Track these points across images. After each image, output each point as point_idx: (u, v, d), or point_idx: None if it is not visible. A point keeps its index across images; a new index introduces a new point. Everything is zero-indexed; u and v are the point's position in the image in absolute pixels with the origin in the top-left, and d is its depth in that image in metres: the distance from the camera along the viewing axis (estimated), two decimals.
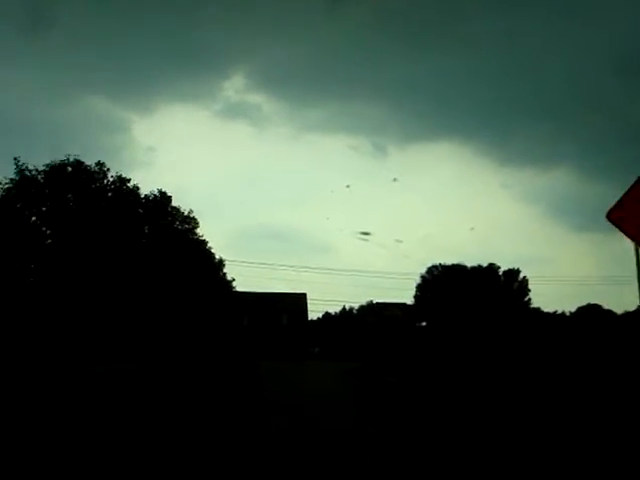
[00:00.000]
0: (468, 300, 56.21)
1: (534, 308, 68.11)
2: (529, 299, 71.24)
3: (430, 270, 63.51)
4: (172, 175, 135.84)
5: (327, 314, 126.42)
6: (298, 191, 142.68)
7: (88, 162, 45.62)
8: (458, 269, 61.32)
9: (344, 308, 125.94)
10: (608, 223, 7.26)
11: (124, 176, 46.83)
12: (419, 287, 63.59)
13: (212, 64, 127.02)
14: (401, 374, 36.76)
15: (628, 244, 7.17)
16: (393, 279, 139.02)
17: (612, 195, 7.27)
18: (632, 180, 7.13)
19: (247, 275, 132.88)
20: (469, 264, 62.86)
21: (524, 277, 68.93)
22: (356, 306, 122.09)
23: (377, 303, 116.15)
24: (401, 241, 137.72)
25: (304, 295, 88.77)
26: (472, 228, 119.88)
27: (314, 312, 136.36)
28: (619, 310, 61.56)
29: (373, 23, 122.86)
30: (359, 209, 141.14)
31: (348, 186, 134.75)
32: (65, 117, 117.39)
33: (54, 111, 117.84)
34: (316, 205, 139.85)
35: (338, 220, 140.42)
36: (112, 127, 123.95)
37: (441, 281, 61.10)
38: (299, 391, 26.07)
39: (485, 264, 65.72)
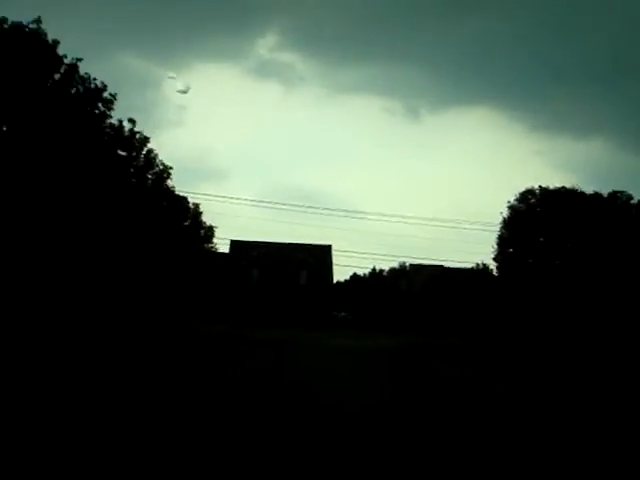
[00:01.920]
0: (586, 243, 37.99)
1: None
2: None
3: (524, 197, 43.77)
4: (203, 133, 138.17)
5: (355, 276, 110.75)
6: (329, 152, 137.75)
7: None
8: (569, 193, 41.85)
9: (374, 269, 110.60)
10: None
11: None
12: (505, 223, 44.24)
13: (245, 21, 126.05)
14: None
15: None
16: (428, 239, 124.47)
17: None
18: None
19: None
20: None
21: None
22: (386, 268, 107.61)
23: (411, 265, 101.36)
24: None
25: (329, 248, 71.07)
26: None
27: (339, 274, 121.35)
28: None
29: None
30: (390, 172, 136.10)
31: None
32: (97, 73, 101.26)
33: (86, 67, 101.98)
34: (346, 167, 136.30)
35: (368, 183, 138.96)
36: (144, 84, 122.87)
37: (541, 212, 42.07)
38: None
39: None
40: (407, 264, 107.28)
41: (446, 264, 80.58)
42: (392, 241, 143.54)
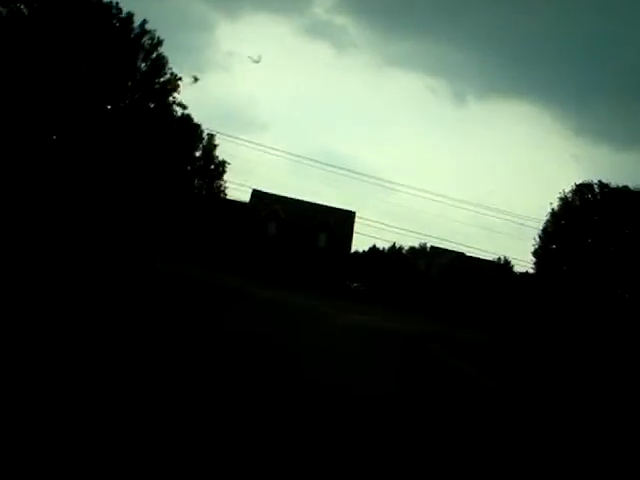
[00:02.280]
0: None
1: None
2: None
3: (579, 190, 38.64)
4: (247, 83, 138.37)
5: (374, 248, 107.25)
6: (370, 122, 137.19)
7: None
8: (631, 195, 36.83)
9: (394, 245, 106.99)
10: None
11: None
12: (554, 216, 39.39)
13: None
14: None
15: None
16: (453, 222, 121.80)
17: None
18: None
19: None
20: None
21: None
22: (406, 246, 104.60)
23: (432, 247, 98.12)
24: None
25: (352, 214, 67.00)
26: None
27: (359, 243, 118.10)
28: None
29: None
30: (426, 151, 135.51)
31: None
32: (147, 13, 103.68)
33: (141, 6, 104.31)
34: (384, 139, 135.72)
35: (403, 158, 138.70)
36: (195, 26, 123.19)
37: (597, 208, 37.15)
38: None
39: None
40: (428, 245, 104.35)
41: (467, 251, 77.14)
42: (417, 217, 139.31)
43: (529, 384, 16.66)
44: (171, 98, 32.84)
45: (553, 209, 39.01)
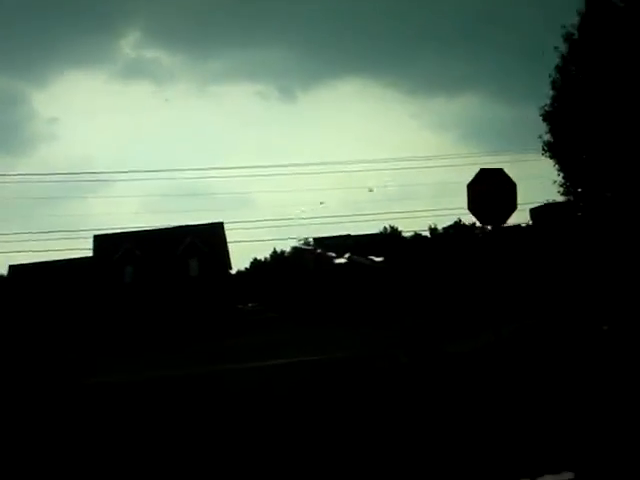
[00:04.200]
0: None
1: None
2: None
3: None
4: (79, 144, 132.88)
5: (256, 261, 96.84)
6: (210, 145, 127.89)
7: None
8: None
9: (274, 251, 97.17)
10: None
11: None
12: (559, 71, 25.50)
13: (105, 24, 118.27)
14: None
15: None
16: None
17: None
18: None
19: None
20: None
21: None
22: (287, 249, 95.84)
23: (315, 238, 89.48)
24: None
25: (220, 226, 55.41)
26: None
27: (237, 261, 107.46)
28: None
29: None
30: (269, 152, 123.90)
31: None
32: None
33: None
34: (229, 156, 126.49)
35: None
36: (6, 101, 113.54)
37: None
38: None
39: None
40: (309, 239, 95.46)
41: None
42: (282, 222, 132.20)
43: None
44: None
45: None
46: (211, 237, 53.71)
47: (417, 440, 8.03)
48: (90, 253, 54.14)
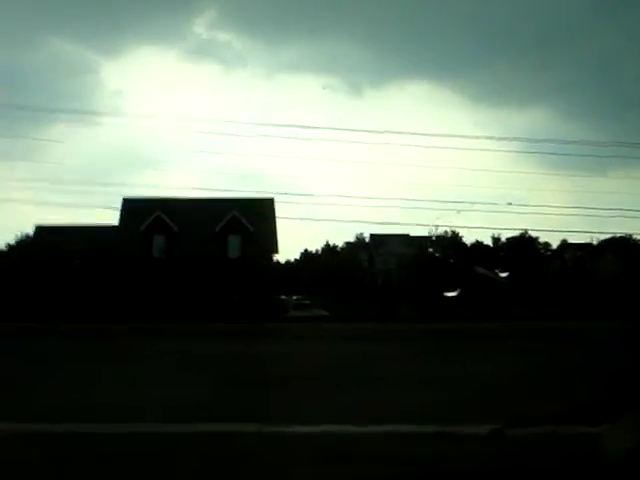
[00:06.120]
0: None
1: None
2: None
3: None
4: (142, 118, 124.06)
5: (306, 252, 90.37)
6: (272, 131, 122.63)
7: None
8: None
9: (327, 244, 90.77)
10: None
11: None
12: None
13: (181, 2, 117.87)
14: None
15: None
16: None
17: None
18: None
19: None
20: None
21: None
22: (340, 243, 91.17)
23: (371, 235, 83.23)
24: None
25: (270, 202, 47.11)
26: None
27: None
28: None
29: None
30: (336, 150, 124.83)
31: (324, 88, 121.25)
32: (28, 62, 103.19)
33: (17, 56, 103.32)
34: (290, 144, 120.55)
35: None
36: (78, 70, 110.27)
37: None
38: None
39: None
40: (365, 235, 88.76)
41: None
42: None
43: None
44: None
45: None
46: (258, 215, 45.51)
47: None
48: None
